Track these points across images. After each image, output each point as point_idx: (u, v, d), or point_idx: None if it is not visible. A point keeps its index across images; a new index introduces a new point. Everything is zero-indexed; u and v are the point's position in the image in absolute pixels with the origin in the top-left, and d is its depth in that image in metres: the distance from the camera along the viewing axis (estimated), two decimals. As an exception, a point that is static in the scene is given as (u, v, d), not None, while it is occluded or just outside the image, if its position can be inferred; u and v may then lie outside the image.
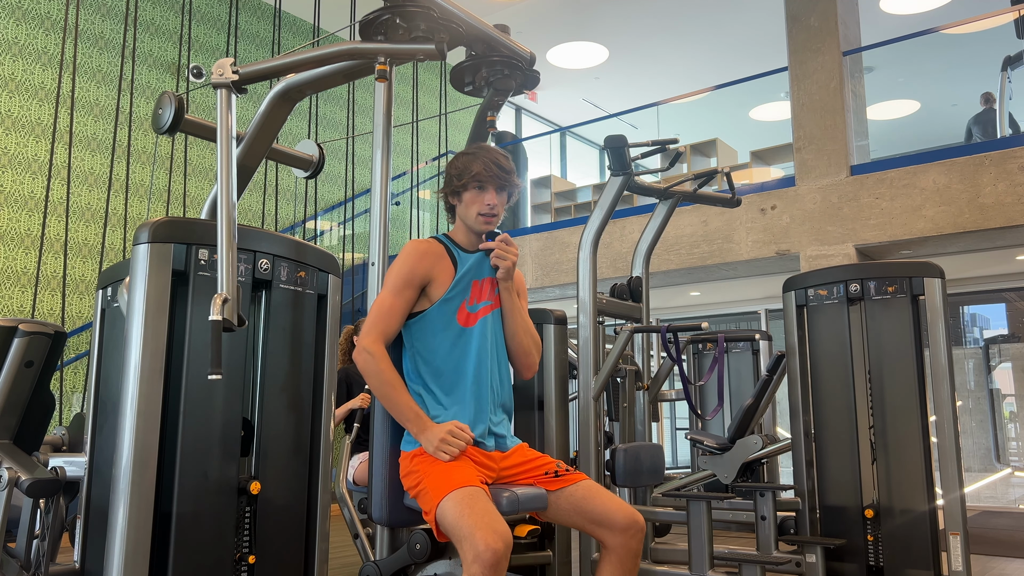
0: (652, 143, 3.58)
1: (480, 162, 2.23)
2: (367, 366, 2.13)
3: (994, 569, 4.07)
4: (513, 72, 2.83)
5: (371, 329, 2.16)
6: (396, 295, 2.18)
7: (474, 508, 1.90)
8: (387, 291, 2.19)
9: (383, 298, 2.19)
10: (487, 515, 1.88)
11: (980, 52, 8.64)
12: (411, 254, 2.21)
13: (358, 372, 3.97)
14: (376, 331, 2.15)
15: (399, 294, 2.18)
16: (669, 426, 8.68)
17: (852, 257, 5.85)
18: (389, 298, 2.18)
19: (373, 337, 2.14)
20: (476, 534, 1.83)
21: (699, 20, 8.99)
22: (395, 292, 2.18)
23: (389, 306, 2.17)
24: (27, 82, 6.35)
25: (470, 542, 1.83)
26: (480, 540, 1.81)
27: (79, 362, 6.20)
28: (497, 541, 1.82)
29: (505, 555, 1.83)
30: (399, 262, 2.21)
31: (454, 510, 1.91)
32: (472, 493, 1.95)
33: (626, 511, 2.07)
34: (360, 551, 3.20)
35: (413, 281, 2.19)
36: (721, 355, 3.44)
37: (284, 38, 7.99)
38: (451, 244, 2.29)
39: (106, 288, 2.24)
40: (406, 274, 2.19)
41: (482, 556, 1.80)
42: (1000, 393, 7.35)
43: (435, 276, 2.21)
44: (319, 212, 7.84)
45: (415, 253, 2.22)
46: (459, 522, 1.89)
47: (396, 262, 2.21)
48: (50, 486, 2.21)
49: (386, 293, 2.19)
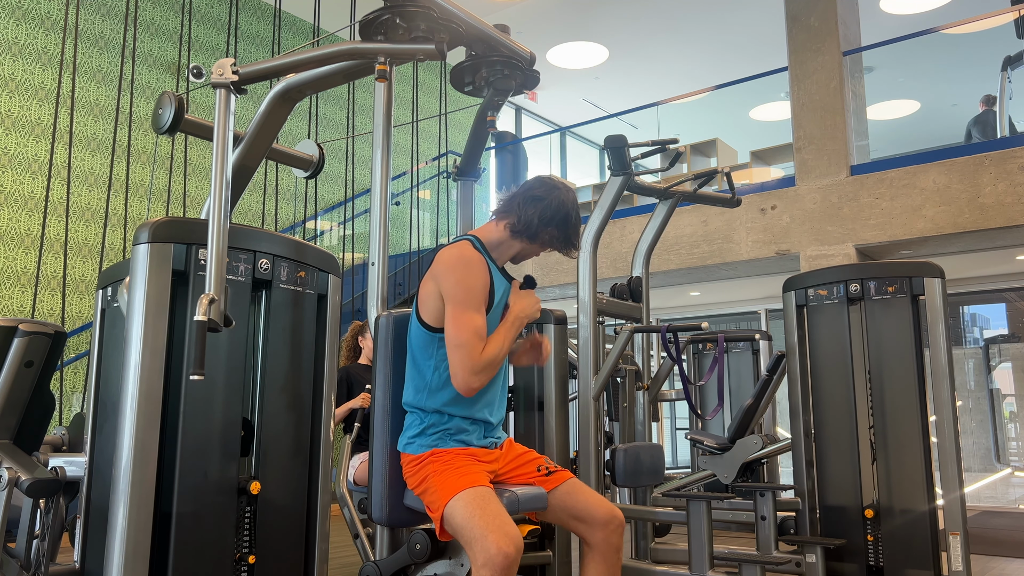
0: (652, 143, 3.59)
1: (573, 230, 2.20)
2: (486, 380, 2.07)
3: (994, 569, 4.07)
4: (513, 72, 2.83)
5: (477, 357, 2.05)
6: (478, 311, 2.08)
7: (485, 510, 1.89)
8: (471, 311, 2.06)
9: (471, 320, 2.05)
10: (498, 517, 1.88)
11: (980, 52, 8.64)
12: (475, 263, 2.12)
13: (359, 372, 3.97)
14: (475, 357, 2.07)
15: (481, 309, 2.09)
16: (669, 426, 8.68)
17: (852, 257, 5.85)
18: (477, 319, 2.07)
19: (480, 363, 2.06)
20: (488, 536, 1.82)
21: (699, 20, 8.99)
22: (479, 308, 2.09)
23: (482, 323, 2.08)
24: (27, 82, 6.35)
25: (481, 544, 1.82)
26: (492, 543, 1.80)
27: (79, 362, 6.20)
28: (509, 545, 1.81)
29: (516, 560, 1.82)
30: (470, 276, 2.09)
31: (464, 511, 1.90)
32: (483, 494, 1.94)
33: (606, 506, 2.10)
34: (360, 551, 3.20)
35: (485, 293, 2.12)
36: (721, 355, 3.44)
37: (284, 38, 7.99)
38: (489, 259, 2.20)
39: (106, 288, 2.24)
40: (480, 288, 2.10)
41: (494, 560, 1.79)
42: (1000, 393, 7.35)
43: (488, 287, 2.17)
44: (319, 212, 7.84)
45: (477, 264, 2.12)
46: (469, 523, 1.88)
47: (464, 277, 2.09)
48: (50, 486, 2.21)
49: (471, 314, 2.06)
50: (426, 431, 2.14)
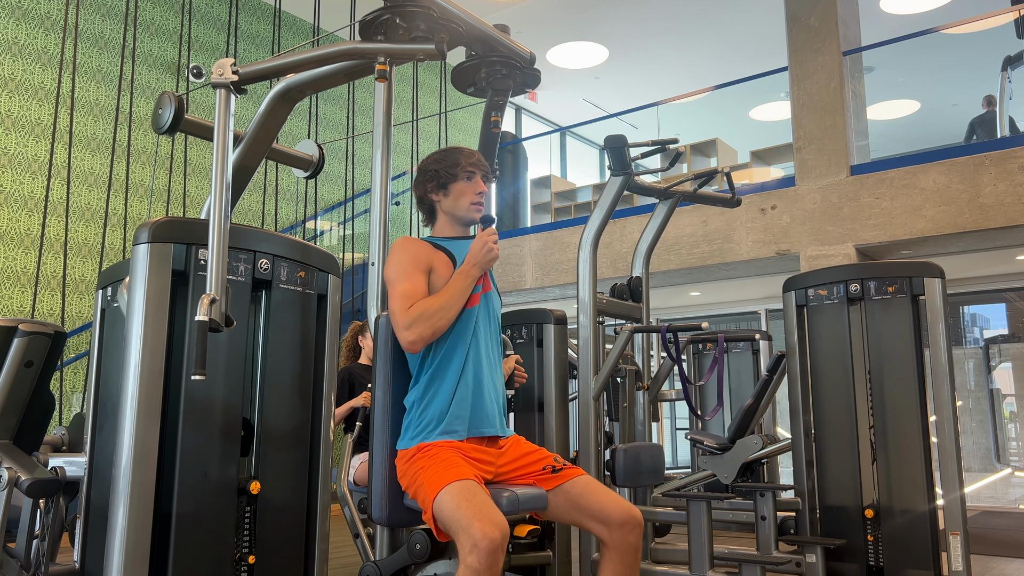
0: (652, 143, 3.58)
1: (464, 155, 2.30)
2: (424, 332, 2.09)
3: (994, 569, 4.07)
4: (512, 72, 2.83)
5: (404, 313, 2.10)
6: (409, 279, 2.15)
7: (472, 500, 1.90)
8: (400, 281, 2.14)
9: (401, 287, 2.13)
10: (484, 507, 1.88)
11: (980, 52, 8.64)
12: (402, 245, 2.21)
13: (360, 371, 3.97)
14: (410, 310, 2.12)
15: (410, 277, 2.15)
16: (669, 426, 8.68)
17: (852, 257, 5.85)
18: (406, 284, 2.14)
19: (408, 318, 2.10)
20: (474, 524, 1.83)
21: (699, 20, 8.99)
22: (407, 277, 2.15)
23: (411, 288, 2.13)
24: (27, 82, 6.35)
25: (467, 532, 1.83)
26: (477, 529, 1.81)
27: (79, 362, 6.19)
28: (494, 530, 1.82)
29: (502, 546, 1.82)
30: (395, 255, 2.19)
31: (451, 502, 1.91)
32: (468, 486, 1.95)
33: (623, 506, 2.07)
34: (360, 551, 3.20)
35: (419, 264, 2.17)
36: (721, 355, 3.44)
37: (284, 38, 7.99)
38: (438, 239, 2.29)
39: (106, 288, 2.24)
40: (408, 260, 2.17)
41: (479, 545, 1.80)
42: (1000, 393, 7.34)
43: (435, 265, 2.20)
44: (319, 212, 7.84)
45: (406, 243, 2.21)
46: (456, 513, 1.89)
47: (393, 258, 2.19)
48: (50, 486, 2.21)
49: (400, 282, 2.14)
50: (413, 424, 2.16)
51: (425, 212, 2.36)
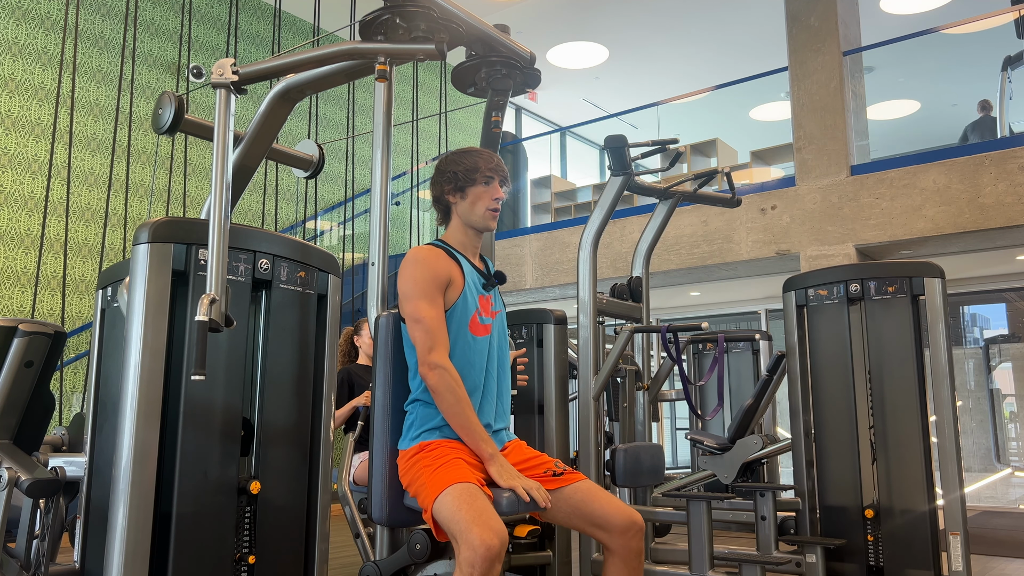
0: (652, 143, 3.58)
1: (484, 158, 2.27)
2: (442, 382, 2.07)
3: (994, 569, 4.07)
4: (512, 72, 2.83)
5: (434, 344, 2.09)
6: (433, 304, 2.13)
7: (472, 504, 1.90)
8: (424, 303, 2.11)
9: (425, 311, 2.11)
10: (484, 512, 1.88)
11: (980, 52, 8.64)
12: (426, 258, 2.18)
13: (359, 372, 3.97)
14: (440, 345, 2.10)
15: (435, 302, 2.13)
16: (669, 426, 8.68)
17: (852, 257, 5.85)
18: (430, 310, 2.11)
19: (440, 352, 2.09)
20: (473, 529, 1.83)
21: (699, 20, 8.99)
22: (431, 301, 2.13)
23: (436, 317, 2.12)
24: (27, 82, 6.35)
25: (465, 537, 1.83)
26: (476, 536, 1.81)
27: (79, 362, 6.20)
28: (493, 538, 1.81)
29: (500, 553, 1.82)
30: (420, 270, 2.15)
31: (451, 505, 1.91)
32: (469, 489, 1.95)
33: (624, 512, 2.07)
34: (360, 551, 3.20)
35: (441, 284, 2.16)
36: (721, 355, 3.44)
37: (284, 38, 7.99)
38: (452, 249, 2.27)
39: (106, 288, 2.24)
40: (431, 279, 2.15)
41: (477, 551, 1.80)
42: (1000, 393, 7.34)
43: (452, 278, 2.20)
44: (319, 212, 7.84)
45: (430, 256, 2.18)
46: (455, 516, 1.88)
47: (414, 271, 2.15)
48: (50, 486, 2.21)
49: (424, 305, 2.11)
50: (415, 423, 2.16)
51: (440, 212, 2.34)
